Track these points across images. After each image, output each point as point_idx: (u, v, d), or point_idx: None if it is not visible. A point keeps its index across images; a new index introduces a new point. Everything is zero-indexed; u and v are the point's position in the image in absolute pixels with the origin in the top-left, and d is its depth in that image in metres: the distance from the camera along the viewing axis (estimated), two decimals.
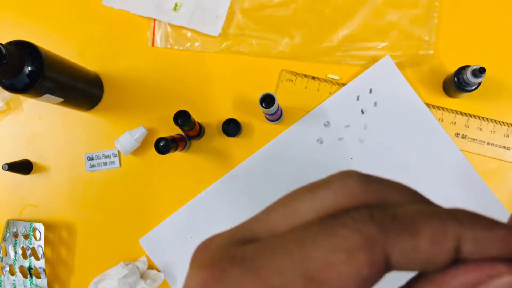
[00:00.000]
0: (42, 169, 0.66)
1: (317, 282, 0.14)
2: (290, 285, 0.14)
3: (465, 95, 0.57)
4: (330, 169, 0.59)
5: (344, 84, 0.60)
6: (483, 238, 0.14)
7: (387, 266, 0.15)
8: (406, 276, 0.16)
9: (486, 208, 0.56)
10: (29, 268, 0.62)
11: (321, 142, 0.60)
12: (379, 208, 0.15)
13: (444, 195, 0.57)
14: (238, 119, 0.61)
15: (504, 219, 0.17)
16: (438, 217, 0.15)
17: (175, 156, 0.63)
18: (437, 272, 0.15)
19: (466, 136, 0.58)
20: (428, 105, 0.58)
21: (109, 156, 0.64)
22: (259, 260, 0.15)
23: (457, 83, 0.55)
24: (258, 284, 0.15)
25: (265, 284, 0.14)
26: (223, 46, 0.63)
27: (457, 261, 0.15)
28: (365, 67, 0.60)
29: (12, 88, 0.50)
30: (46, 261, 0.64)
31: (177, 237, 0.62)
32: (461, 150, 0.57)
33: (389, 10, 0.61)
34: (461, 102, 0.59)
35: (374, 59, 0.60)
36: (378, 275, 0.15)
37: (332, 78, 0.61)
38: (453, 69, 0.56)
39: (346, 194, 0.16)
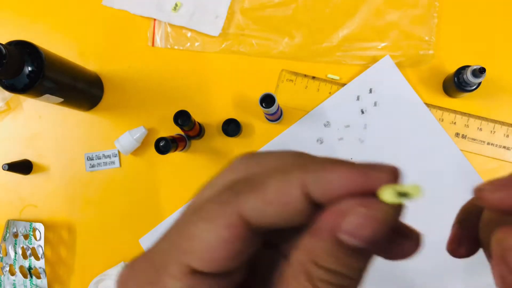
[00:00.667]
0: (42, 169, 0.66)
1: (188, 254, 0.16)
2: (169, 263, 0.16)
3: (465, 95, 0.57)
4: None
5: (344, 84, 0.60)
6: (327, 179, 0.15)
7: (248, 226, 0.16)
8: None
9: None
10: (29, 268, 0.62)
11: (321, 142, 0.60)
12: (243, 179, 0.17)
13: (444, 195, 0.57)
14: (238, 119, 0.61)
15: None
16: (284, 170, 0.16)
17: (175, 156, 0.63)
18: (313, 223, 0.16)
19: (466, 136, 0.58)
20: (428, 105, 0.58)
21: (109, 156, 0.64)
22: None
23: (457, 83, 0.55)
24: None
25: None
26: (223, 46, 0.63)
27: (320, 207, 0.15)
28: (365, 67, 0.60)
29: (12, 88, 0.50)
30: (46, 261, 0.64)
31: None
32: (461, 150, 0.57)
33: (389, 10, 0.61)
34: (461, 102, 0.59)
35: (374, 59, 0.60)
36: (243, 236, 0.16)
37: (332, 78, 0.61)
38: (453, 69, 0.56)
39: (233, 172, 0.18)
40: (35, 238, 0.62)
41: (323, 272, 0.15)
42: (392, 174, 0.15)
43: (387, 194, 0.15)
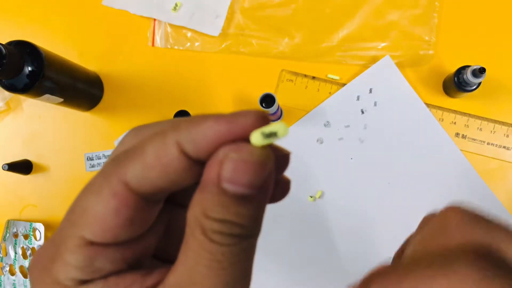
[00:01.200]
0: (42, 169, 0.66)
1: (80, 227, 0.16)
2: (66, 238, 0.16)
3: (465, 95, 0.57)
4: (330, 170, 0.59)
5: (344, 84, 0.60)
6: (197, 133, 0.15)
7: (135, 193, 0.16)
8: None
9: (485, 207, 0.56)
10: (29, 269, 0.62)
11: (321, 142, 0.60)
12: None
13: (444, 195, 0.57)
14: None
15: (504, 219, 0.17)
16: (161, 133, 0.16)
17: None
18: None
19: (466, 136, 0.58)
20: (428, 105, 0.58)
21: (109, 156, 0.64)
22: None
23: (457, 83, 0.55)
24: None
25: None
26: (223, 46, 0.63)
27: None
28: (365, 67, 0.60)
29: (12, 88, 0.50)
30: None
31: None
32: (461, 150, 0.57)
33: (389, 10, 0.61)
34: (461, 102, 0.59)
35: (374, 59, 0.60)
36: (132, 204, 0.16)
37: (332, 78, 0.61)
38: (453, 69, 0.56)
39: (125, 146, 0.18)
40: (35, 238, 0.62)
41: (215, 223, 0.15)
42: (258, 118, 0.16)
43: (255, 137, 0.15)
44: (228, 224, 0.15)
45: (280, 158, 0.18)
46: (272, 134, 0.15)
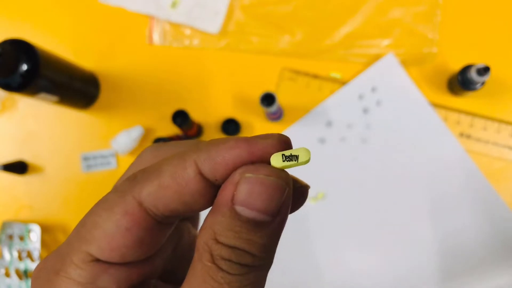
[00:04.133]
0: (37, 169, 0.64)
1: (89, 242, 0.16)
2: (72, 252, 0.16)
3: (470, 93, 0.56)
4: (331, 170, 0.58)
5: (346, 83, 0.59)
6: (216, 153, 0.15)
7: (148, 213, 0.15)
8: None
9: (490, 208, 0.55)
10: (25, 271, 0.61)
11: (323, 142, 0.59)
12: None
13: (448, 195, 0.56)
14: (238, 118, 0.60)
15: (507, 220, 0.17)
16: (181, 153, 0.16)
17: None
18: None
19: (470, 136, 0.57)
20: (432, 104, 0.57)
21: (105, 156, 0.63)
22: None
23: (461, 81, 0.54)
24: None
25: None
26: (222, 43, 0.62)
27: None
28: (368, 65, 0.59)
29: (7, 86, 0.49)
30: None
31: None
32: (465, 150, 0.57)
33: (392, 7, 0.60)
34: (466, 101, 0.58)
35: (377, 57, 0.59)
36: (143, 224, 0.15)
37: (334, 77, 0.60)
38: (457, 67, 0.55)
39: (142, 163, 0.18)
40: (31, 240, 0.61)
41: (224, 249, 0.14)
42: (280, 141, 0.15)
43: (275, 158, 0.15)
44: (238, 251, 0.14)
45: (298, 190, 0.18)
46: (293, 157, 0.15)
